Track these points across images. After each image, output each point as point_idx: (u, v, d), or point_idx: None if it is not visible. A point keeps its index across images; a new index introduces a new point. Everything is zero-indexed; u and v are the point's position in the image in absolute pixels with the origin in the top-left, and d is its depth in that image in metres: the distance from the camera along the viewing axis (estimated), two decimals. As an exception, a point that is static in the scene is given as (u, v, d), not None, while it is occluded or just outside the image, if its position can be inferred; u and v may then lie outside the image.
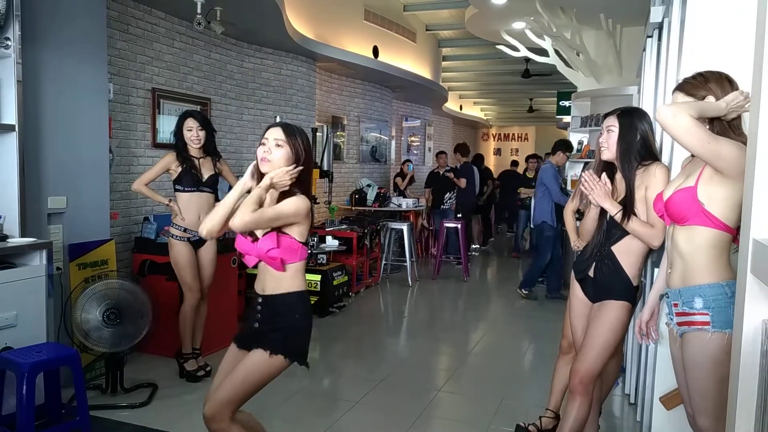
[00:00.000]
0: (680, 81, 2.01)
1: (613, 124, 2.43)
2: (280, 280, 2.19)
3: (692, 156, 2.07)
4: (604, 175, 2.39)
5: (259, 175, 2.22)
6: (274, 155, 2.17)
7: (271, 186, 2.16)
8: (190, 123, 3.72)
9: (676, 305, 1.96)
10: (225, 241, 4.61)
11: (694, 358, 1.90)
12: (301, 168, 2.19)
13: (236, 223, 2.08)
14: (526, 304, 6.53)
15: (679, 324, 1.95)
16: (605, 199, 2.36)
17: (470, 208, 8.89)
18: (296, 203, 2.14)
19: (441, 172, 8.52)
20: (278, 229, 2.18)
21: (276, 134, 2.19)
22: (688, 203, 1.87)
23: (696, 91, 1.93)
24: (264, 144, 2.21)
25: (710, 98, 1.89)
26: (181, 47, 5.13)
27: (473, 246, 9.84)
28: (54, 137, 3.48)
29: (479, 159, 11.27)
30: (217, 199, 3.87)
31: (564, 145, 6.42)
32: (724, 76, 1.91)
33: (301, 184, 2.21)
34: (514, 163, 13.67)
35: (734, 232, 1.80)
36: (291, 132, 2.21)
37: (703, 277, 1.86)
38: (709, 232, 1.84)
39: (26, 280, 2.91)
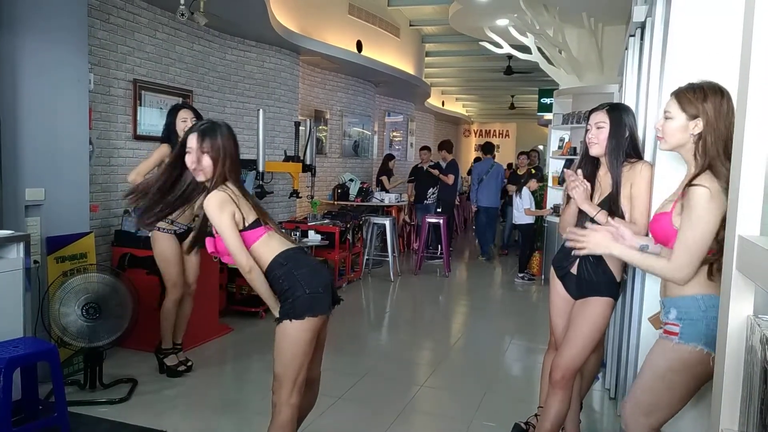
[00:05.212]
0: (680, 89, 1.93)
1: (603, 120, 2.44)
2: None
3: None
4: (580, 173, 2.39)
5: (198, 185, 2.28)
6: (204, 164, 2.21)
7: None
8: (184, 114, 3.68)
9: (660, 313, 2.04)
10: (207, 235, 4.56)
11: (652, 358, 1.97)
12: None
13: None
14: (508, 299, 6.59)
15: (663, 332, 2.00)
16: (584, 201, 2.38)
17: (452, 204, 8.93)
18: (209, 209, 2.17)
19: (424, 168, 8.52)
20: (213, 232, 2.23)
21: (197, 143, 2.20)
22: (666, 230, 1.90)
23: (689, 107, 1.87)
24: (189, 153, 2.22)
25: (699, 122, 1.85)
26: (164, 38, 5.06)
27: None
28: (32, 127, 3.41)
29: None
30: None
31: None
32: (719, 90, 1.86)
33: (220, 178, 2.22)
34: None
35: (712, 251, 1.80)
36: (209, 134, 2.21)
37: (679, 290, 1.90)
38: None
39: (2, 273, 2.84)
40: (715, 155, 1.82)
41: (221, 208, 2.16)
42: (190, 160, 2.22)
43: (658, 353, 1.95)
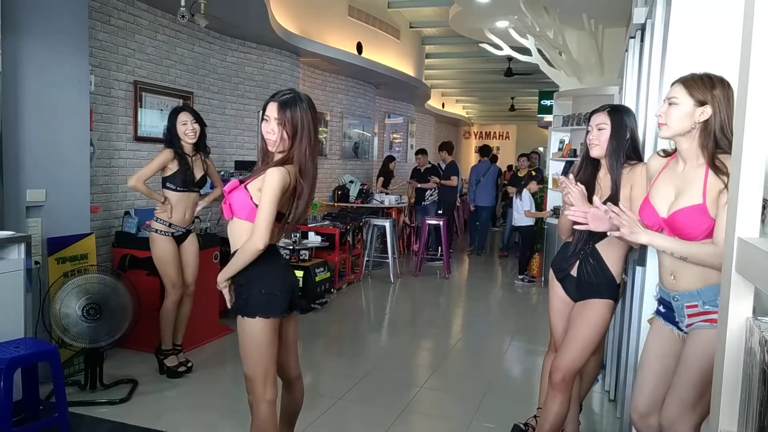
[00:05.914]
0: (685, 76, 1.92)
1: (604, 121, 2.44)
2: (235, 239, 2.19)
3: (665, 154, 2.08)
4: (571, 178, 2.38)
5: (267, 154, 2.19)
6: (283, 137, 2.15)
7: None
8: (184, 117, 3.69)
9: (695, 306, 1.90)
10: (207, 235, 4.58)
11: (694, 351, 1.88)
12: None
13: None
14: (508, 301, 6.59)
15: (703, 321, 1.90)
16: (582, 204, 2.37)
17: (452, 206, 8.95)
18: (270, 179, 2.09)
19: (422, 170, 8.56)
20: (245, 183, 2.17)
21: (276, 113, 2.15)
22: (698, 222, 1.84)
23: (698, 93, 1.86)
24: (267, 121, 2.17)
25: (707, 109, 1.85)
26: (164, 40, 5.06)
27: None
28: (34, 129, 3.42)
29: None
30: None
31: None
32: (723, 80, 1.86)
33: (294, 156, 2.15)
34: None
35: None
36: (290, 106, 2.16)
37: (719, 277, 1.85)
38: None
39: (4, 274, 2.85)
40: (728, 143, 1.79)
41: (280, 187, 2.08)
42: (266, 128, 2.17)
43: (700, 345, 1.85)
